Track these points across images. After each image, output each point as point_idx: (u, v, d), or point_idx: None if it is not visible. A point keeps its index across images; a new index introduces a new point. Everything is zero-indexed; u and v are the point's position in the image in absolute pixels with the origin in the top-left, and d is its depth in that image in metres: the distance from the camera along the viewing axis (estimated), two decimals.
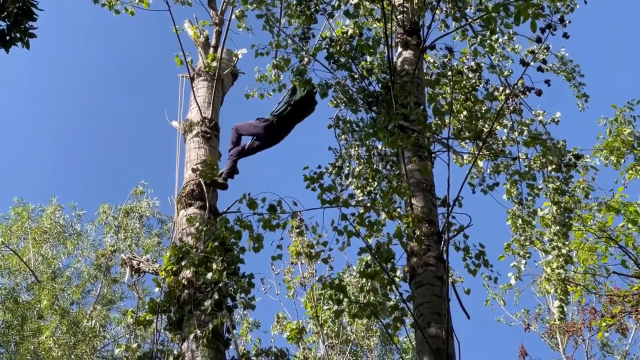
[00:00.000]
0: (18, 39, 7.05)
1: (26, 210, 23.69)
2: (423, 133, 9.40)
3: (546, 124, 12.02)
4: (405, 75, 10.24)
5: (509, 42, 12.40)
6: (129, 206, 23.68)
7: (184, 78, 11.63)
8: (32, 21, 7.05)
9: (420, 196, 9.25)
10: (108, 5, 12.13)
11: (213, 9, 12.00)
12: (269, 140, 10.96)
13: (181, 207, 9.95)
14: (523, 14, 7.80)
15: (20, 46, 7.12)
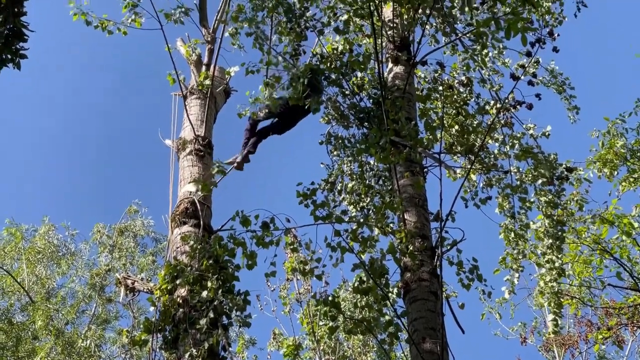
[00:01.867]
0: (9, 60, 7.07)
1: (19, 231, 23.66)
2: (415, 148, 9.42)
3: (537, 137, 12.05)
4: (396, 91, 10.27)
5: (499, 56, 12.45)
6: (123, 225, 23.66)
7: (176, 96, 11.65)
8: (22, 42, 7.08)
9: (413, 211, 9.26)
10: (101, 27, 12.14)
11: (205, 27, 12.03)
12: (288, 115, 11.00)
13: (175, 225, 9.96)
14: (513, 29, 7.86)
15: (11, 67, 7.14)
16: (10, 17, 6.89)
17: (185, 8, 11.82)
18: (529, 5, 8.90)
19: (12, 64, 7.12)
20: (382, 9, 10.73)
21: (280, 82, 10.26)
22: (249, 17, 10.20)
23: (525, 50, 11.14)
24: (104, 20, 12.06)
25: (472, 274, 9.03)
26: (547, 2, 11.99)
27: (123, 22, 12.00)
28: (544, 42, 10.98)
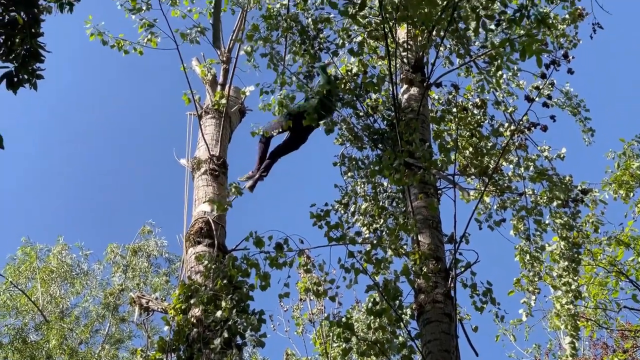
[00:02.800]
0: (25, 81, 7.10)
1: (34, 250, 23.72)
2: (429, 170, 9.41)
3: (552, 159, 12.02)
4: (410, 112, 10.28)
5: (513, 79, 12.45)
6: (137, 245, 23.68)
7: (192, 116, 11.70)
8: (39, 63, 7.11)
9: (427, 233, 9.24)
10: (117, 46, 12.23)
11: (220, 48, 12.08)
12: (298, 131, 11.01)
13: (190, 245, 9.97)
14: (528, 50, 7.87)
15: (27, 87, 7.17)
16: (28, 38, 6.94)
17: (201, 28, 11.90)
18: (544, 27, 8.90)
19: (28, 84, 7.15)
20: (397, 30, 10.75)
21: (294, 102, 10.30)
22: (263, 36, 10.25)
23: (540, 72, 11.14)
24: (120, 39, 12.16)
25: (486, 297, 9.01)
26: (562, 24, 12.00)
27: (139, 41, 12.10)
28: (559, 64, 10.99)
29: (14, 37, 6.92)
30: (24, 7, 6.96)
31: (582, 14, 11.95)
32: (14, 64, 7.03)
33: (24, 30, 6.93)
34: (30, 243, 23.87)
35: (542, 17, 8.53)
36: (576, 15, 11.94)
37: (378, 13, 10.04)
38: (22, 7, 6.95)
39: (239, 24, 12.41)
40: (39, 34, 7.09)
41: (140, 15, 11.72)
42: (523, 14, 8.30)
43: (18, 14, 6.96)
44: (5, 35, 6.96)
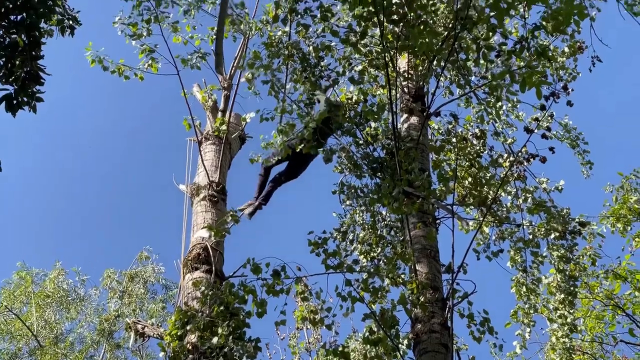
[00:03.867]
0: (25, 103, 7.12)
1: (30, 275, 23.65)
2: (427, 199, 9.41)
3: (550, 191, 12.04)
4: (409, 141, 10.29)
5: (513, 110, 12.50)
6: (134, 271, 23.63)
7: (192, 142, 11.70)
8: (39, 85, 7.13)
9: (424, 262, 9.22)
10: (118, 72, 12.24)
11: (221, 74, 12.11)
12: (297, 159, 11.01)
13: (187, 270, 9.94)
14: (528, 82, 7.89)
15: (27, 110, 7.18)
16: (28, 61, 6.96)
17: (202, 53, 11.93)
18: (544, 59, 8.93)
19: (28, 106, 7.17)
20: (397, 60, 10.79)
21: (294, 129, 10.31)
22: (264, 63, 10.28)
23: (540, 104, 11.18)
24: (121, 65, 12.18)
25: (484, 327, 8.98)
26: (561, 57, 12.05)
27: (139, 67, 12.11)
28: (558, 96, 11.02)
29: (14, 60, 6.94)
30: (25, 30, 6.99)
31: (582, 47, 12.01)
32: (14, 86, 7.05)
33: (25, 53, 6.96)
34: (26, 267, 23.83)
35: (542, 50, 8.56)
36: (576, 48, 12.00)
37: (379, 42, 10.07)
38: (23, 29, 6.98)
39: (240, 51, 12.44)
40: (39, 57, 7.12)
41: (140, 41, 11.75)
42: (523, 46, 8.33)
43: (19, 36, 6.99)
44: (6, 57, 6.99)
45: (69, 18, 8.11)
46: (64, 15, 8.08)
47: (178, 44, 12.21)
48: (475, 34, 9.04)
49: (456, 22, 8.33)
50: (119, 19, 11.68)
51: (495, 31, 8.57)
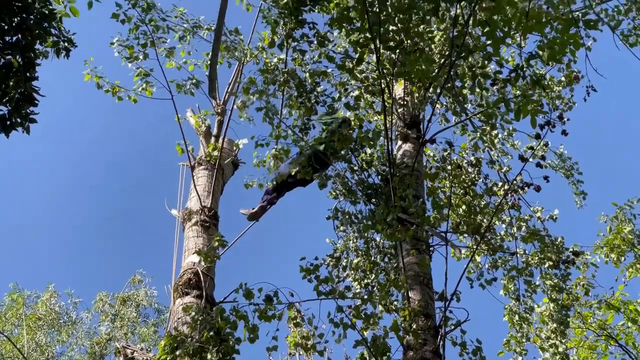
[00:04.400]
0: (18, 124, 7.10)
1: (21, 297, 23.53)
2: (421, 226, 9.40)
3: (544, 220, 12.03)
4: (404, 168, 10.29)
5: (508, 138, 12.51)
6: (126, 294, 23.54)
7: (184, 166, 11.68)
8: (33, 107, 7.11)
9: (417, 289, 9.19)
10: (111, 92, 12.22)
11: (215, 99, 12.10)
12: None
13: (178, 295, 9.88)
14: (523, 111, 7.89)
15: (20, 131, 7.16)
16: (22, 82, 6.95)
17: (196, 80, 11.94)
18: (540, 88, 8.94)
19: (21, 127, 7.15)
20: (393, 86, 10.79)
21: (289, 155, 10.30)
22: (260, 89, 10.28)
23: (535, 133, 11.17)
24: (115, 86, 12.17)
25: (476, 356, 8.93)
26: (557, 86, 12.07)
27: (134, 90, 12.10)
28: (554, 126, 11.01)
29: (9, 81, 6.93)
30: (20, 51, 6.98)
31: (578, 77, 12.02)
32: (8, 107, 7.04)
33: (19, 74, 6.94)
34: (18, 289, 23.71)
35: (538, 79, 8.56)
36: (572, 78, 12.02)
37: (375, 68, 10.08)
38: (18, 51, 6.97)
39: (235, 77, 12.45)
40: (33, 78, 7.11)
41: (136, 63, 11.75)
42: (519, 75, 8.33)
43: (14, 57, 6.97)
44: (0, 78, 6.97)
45: (64, 40, 8.10)
46: (60, 37, 8.07)
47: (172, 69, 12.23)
48: (471, 62, 9.05)
49: (452, 49, 8.33)
50: (117, 40, 11.68)
51: (491, 59, 8.58)
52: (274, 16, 10.34)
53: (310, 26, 10.09)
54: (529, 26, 7.76)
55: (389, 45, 8.74)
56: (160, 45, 11.64)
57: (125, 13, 11.15)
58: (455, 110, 10.80)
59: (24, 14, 7.02)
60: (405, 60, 8.74)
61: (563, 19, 7.97)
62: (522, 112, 7.96)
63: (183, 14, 12.02)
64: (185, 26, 12.01)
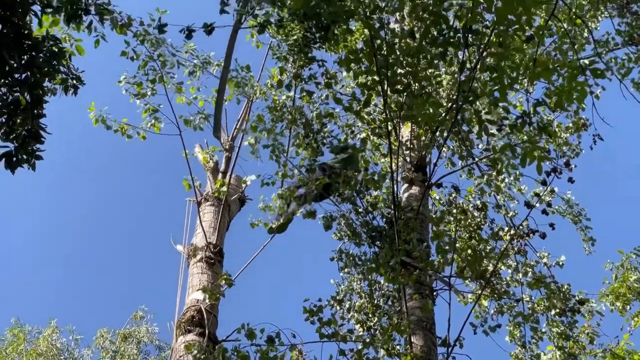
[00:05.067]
0: (24, 161, 7.11)
1: (23, 332, 23.39)
2: (425, 270, 9.36)
3: (551, 266, 11.95)
4: (409, 211, 10.27)
5: (515, 183, 12.48)
6: (128, 331, 23.40)
7: (191, 202, 11.69)
8: (39, 144, 7.13)
9: (420, 334, 9.14)
10: (120, 131, 12.28)
11: (219, 139, 12.13)
12: None
13: (180, 333, 9.86)
14: (529, 157, 7.88)
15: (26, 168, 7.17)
16: (30, 119, 6.97)
17: (205, 115, 11.98)
18: (546, 134, 8.94)
19: (27, 164, 7.16)
20: (400, 129, 10.80)
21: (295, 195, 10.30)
22: (267, 127, 10.30)
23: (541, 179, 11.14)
24: (124, 124, 12.23)
25: None
26: (565, 132, 12.06)
27: (142, 126, 12.15)
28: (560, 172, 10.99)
29: (16, 118, 6.95)
30: (28, 88, 7.01)
31: (586, 124, 12.02)
32: (14, 144, 7.05)
33: (27, 111, 6.97)
34: (20, 324, 23.58)
35: (544, 125, 8.57)
36: (579, 125, 12.01)
37: (382, 111, 10.10)
38: (26, 88, 7.00)
39: (243, 114, 12.48)
40: (41, 115, 7.14)
41: (144, 100, 11.81)
42: (525, 121, 8.34)
43: (22, 94, 7.00)
44: (8, 115, 7.00)
45: (72, 77, 8.13)
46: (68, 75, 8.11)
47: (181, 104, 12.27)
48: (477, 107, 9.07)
49: (459, 94, 8.35)
50: (124, 78, 11.74)
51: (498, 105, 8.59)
52: (284, 53, 10.39)
53: (320, 64, 10.14)
54: (536, 73, 7.78)
55: (397, 88, 8.76)
56: (170, 82, 11.69)
57: (134, 50, 11.21)
58: (461, 154, 10.79)
59: (33, 52, 7.07)
60: (412, 103, 8.76)
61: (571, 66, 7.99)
62: (528, 158, 7.95)
63: (193, 49, 12.07)
64: (195, 62, 12.06)
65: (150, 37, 11.03)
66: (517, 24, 7.39)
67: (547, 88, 8.19)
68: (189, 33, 9.25)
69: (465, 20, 7.89)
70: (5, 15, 6.96)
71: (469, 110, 9.42)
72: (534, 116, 8.43)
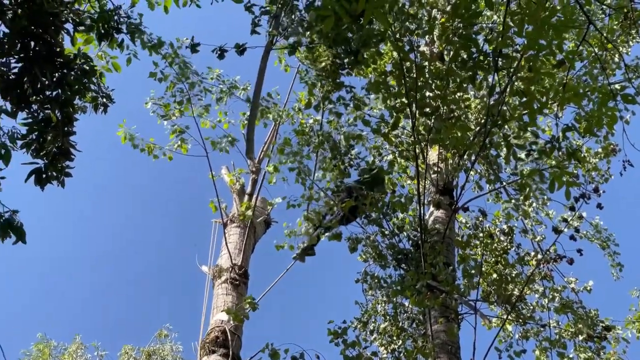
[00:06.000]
0: (54, 177, 7.16)
1: (48, 347, 23.46)
2: (451, 294, 9.31)
3: (578, 291, 11.85)
4: (436, 235, 10.23)
5: (542, 208, 12.40)
6: (152, 349, 23.42)
7: (217, 223, 11.69)
8: (69, 161, 7.17)
9: (444, 358, 9.09)
10: (147, 150, 12.34)
11: (251, 159, 12.14)
12: None
13: (204, 353, 9.84)
14: (557, 182, 7.84)
15: (55, 184, 7.21)
16: (60, 136, 7.01)
17: (232, 138, 12.01)
18: (575, 160, 8.88)
19: (56, 181, 7.20)
20: (428, 152, 10.78)
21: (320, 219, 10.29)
22: (294, 150, 10.30)
23: (570, 204, 11.07)
24: (151, 144, 12.28)
25: None
26: (594, 158, 11.98)
27: (169, 147, 12.20)
28: (589, 198, 10.91)
29: (46, 135, 7.00)
30: (59, 106, 7.06)
31: (615, 149, 11.94)
32: (44, 160, 7.10)
33: (57, 129, 7.02)
34: (46, 339, 23.66)
35: (573, 151, 8.52)
36: (609, 150, 11.93)
37: (410, 134, 10.08)
38: (57, 105, 7.04)
39: (270, 136, 12.50)
40: (71, 133, 7.18)
41: (172, 121, 11.86)
42: (554, 146, 8.30)
43: (53, 112, 7.05)
44: (38, 132, 7.05)
45: (103, 96, 8.20)
46: (99, 93, 8.17)
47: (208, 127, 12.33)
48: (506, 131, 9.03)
49: (488, 118, 8.32)
50: (151, 99, 11.81)
51: (527, 129, 8.55)
52: (312, 78, 10.40)
53: (348, 89, 10.14)
54: (566, 98, 7.75)
55: (425, 111, 8.74)
56: (196, 103, 11.74)
57: (162, 71, 11.28)
58: (489, 178, 10.74)
59: (64, 70, 7.13)
60: (440, 126, 8.74)
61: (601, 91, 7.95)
62: (556, 183, 7.91)
63: (219, 75, 12.13)
64: (222, 87, 12.11)
65: (179, 60, 11.10)
66: (548, 48, 7.35)
67: (577, 113, 8.15)
68: (221, 53, 9.31)
69: (496, 43, 7.88)
70: (38, 32, 7.03)
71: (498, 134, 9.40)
72: (563, 141, 8.39)
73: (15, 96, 7.04)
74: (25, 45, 7.06)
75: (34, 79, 6.93)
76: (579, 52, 9.17)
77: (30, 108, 7.13)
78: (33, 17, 6.95)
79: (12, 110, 7.14)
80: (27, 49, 7.05)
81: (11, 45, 7.03)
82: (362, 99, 10.31)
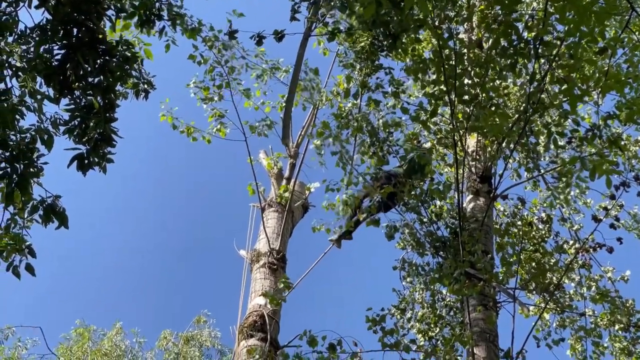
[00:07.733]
0: (96, 163, 7.23)
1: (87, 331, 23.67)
2: (489, 282, 9.29)
3: (615, 281, 11.78)
4: (474, 222, 10.20)
5: (581, 196, 12.31)
6: (190, 334, 23.57)
7: (255, 207, 11.74)
8: (110, 147, 7.24)
9: (483, 346, 9.07)
10: (187, 132, 12.40)
11: (287, 145, 12.17)
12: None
13: (242, 337, 9.90)
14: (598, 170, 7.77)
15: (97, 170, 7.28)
16: (102, 123, 7.08)
17: (270, 121, 12.02)
18: (616, 147, 8.81)
19: (98, 167, 7.27)
20: (466, 139, 10.74)
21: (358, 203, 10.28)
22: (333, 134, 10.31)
23: (610, 193, 10.99)
24: (190, 126, 12.34)
25: None
26: (634, 146, 11.87)
27: (208, 130, 12.25)
28: (629, 186, 10.82)
29: (89, 121, 7.07)
30: (101, 92, 7.12)
31: None
32: (86, 146, 7.17)
33: (99, 115, 7.08)
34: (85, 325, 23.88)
35: (614, 139, 8.45)
36: None
37: (449, 121, 10.05)
38: (99, 92, 7.11)
39: (309, 120, 12.51)
40: (113, 119, 7.24)
41: (211, 104, 11.90)
42: (595, 134, 8.25)
43: (95, 98, 7.12)
44: (81, 118, 7.12)
45: (144, 82, 8.25)
46: (140, 79, 8.23)
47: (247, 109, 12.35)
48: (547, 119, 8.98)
49: (528, 105, 8.28)
50: (193, 82, 11.85)
51: (568, 117, 8.50)
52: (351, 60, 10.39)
53: (387, 71, 10.12)
54: (607, 85, 7.69)
55: (464, 99, 8.71)
56: (235, 87, 11.76)
57: (201, 54, 11.30)
58: (528, 166, 10.68)
59: (107, 56, 7.18)
60: (479, 114, 8.71)
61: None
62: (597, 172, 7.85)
63: (263, 53, 12.12)
64: (264, 66, 12.11)
65: (219, 42, 11.10)
66: (590, 35, 7.29)
67: (618, 101, 8.09)
68: (259, 40, 9.32)
69: (536, 30, 7.83)
70: (81, 19, 7.09)
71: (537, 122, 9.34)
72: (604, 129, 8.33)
73: (58, 83, 7.11)
74: (68, 32, 7.13)
75: (76, 65, 6.99)
76: (620, 40, 9.08)
77: (72, 94, 7.20)
78: (76, 4, 7.01)
79: (55, 96, 7.22)
80: (69, 36, 7.12)
81: (54, 32, 7.10)
82: (401, 83, 10.27)
